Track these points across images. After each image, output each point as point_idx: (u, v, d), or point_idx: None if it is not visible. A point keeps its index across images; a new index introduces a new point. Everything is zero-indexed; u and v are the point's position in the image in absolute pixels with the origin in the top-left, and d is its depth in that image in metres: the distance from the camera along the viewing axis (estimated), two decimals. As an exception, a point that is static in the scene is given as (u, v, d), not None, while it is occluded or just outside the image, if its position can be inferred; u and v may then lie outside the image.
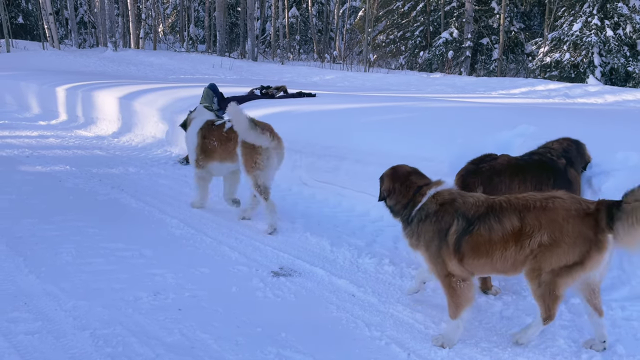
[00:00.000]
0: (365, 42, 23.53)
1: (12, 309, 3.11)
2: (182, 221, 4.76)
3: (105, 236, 4.35)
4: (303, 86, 12.39)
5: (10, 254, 3.84)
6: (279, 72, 19.04)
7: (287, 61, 25.23)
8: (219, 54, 24.77)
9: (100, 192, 5.55)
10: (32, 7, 29.09)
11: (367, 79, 17.02)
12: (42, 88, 10.86)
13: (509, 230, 2.73)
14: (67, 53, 21.67)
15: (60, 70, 15.47)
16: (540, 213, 2.72)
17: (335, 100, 7.46)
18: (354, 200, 5.17)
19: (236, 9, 32.33)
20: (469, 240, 2.80)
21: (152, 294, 3.38)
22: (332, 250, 4.14)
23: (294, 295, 3.44)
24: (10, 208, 4.89)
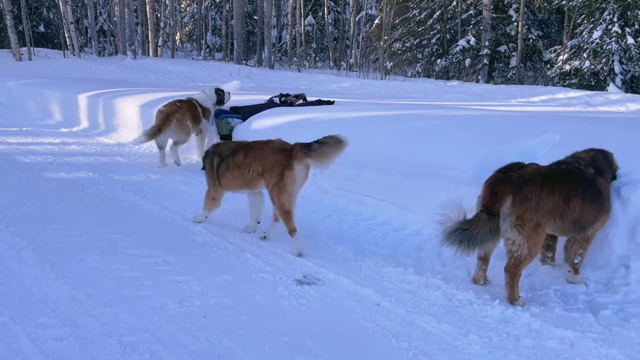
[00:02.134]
0: (382, 50, 23.54)
1: (40, 314, 3.13)
2: (205, 228, 4.78)
3: (129, 243, 4.38)
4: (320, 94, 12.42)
5: (38, 260, 3.88)
6: (296, 80, 19.11)
7: (304, 69, 25.32)
8: (236, 62, 24.96)
9: (123, 198, 5.60)
10: (53, 16, 29.61)
11: (383, 87, 17.00)
12: (64, 95, 11.02)
13: (238, 162, 4.54)
14: (87, 61, 22.01)
15: (81, 78, 15.71)
16: (257, 151, 4.50)
17: (354, 108, 7.46)
18: (375, 208, 5.15)
19: (253, 18, 32.58)
20: (221, 169, 4.64)
21: (177, 301, 3.39)
22: (355, 259, 4.12)
23: (318, 304, 3.42)
24: (36, 214, 4.95)
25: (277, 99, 8.18)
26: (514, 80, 20.95)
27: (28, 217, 4.84)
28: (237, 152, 4.60)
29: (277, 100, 8.14)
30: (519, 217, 3.33)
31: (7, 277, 3.58)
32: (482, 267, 3.71)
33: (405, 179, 5.04)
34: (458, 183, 4.54)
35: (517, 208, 3.32)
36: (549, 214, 3.37)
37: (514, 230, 3.35)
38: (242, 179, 4.56)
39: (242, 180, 4.57)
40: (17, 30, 22.38)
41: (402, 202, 4.84)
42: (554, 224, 3.42)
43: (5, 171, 6.46)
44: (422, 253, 4.20)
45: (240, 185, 4.64)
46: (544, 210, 3.35)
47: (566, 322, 3.18)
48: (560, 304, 3.45)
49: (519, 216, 3.33)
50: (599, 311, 3.30)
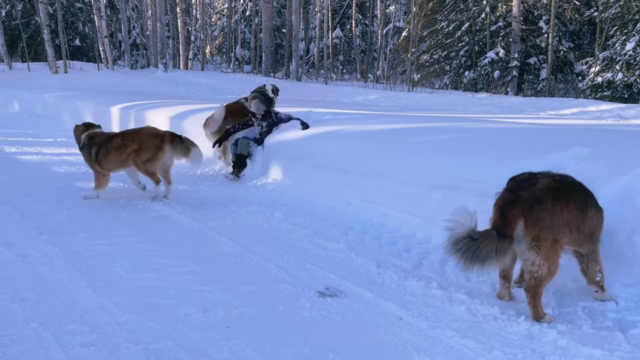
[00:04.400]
0: (409, 62, 23.52)
1: (69, 321, 3.22)
2: (231, 239, 4.83)
3: (156, 252, 4.47)
4: (346, 106, 12.47)
5: (68, 268, 4.00)
6: (323, 92, 19.25)
7: (331, 81, 25.48)
8: (264, 74, 25.29)
9: (152, 208, 5.73)
10: (88, 30, 30.57)
11: (410, 99, 16.98)
12: (97, 107, 11.35)
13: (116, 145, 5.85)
14: (120, 74, 22.62)
15: (113, 90, 16.15)
16: (133, 135, 5.96)
17: (380, 120, 7.47)
18: (399, 221, 5.13)
19: (281, 31, 33.02)
20: (100, 155, 5.81)
21: (201, 310, 3.44)
22: (378, 271, 4.11)
23: (340, 316, 3.42)
24: (69, 223, 5.10)
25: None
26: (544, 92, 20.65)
27: (60, 226, 4.99)
28: (112, 139, 5.92)
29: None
30: (534, 238, 3.24)
31: (39, 284, 3.70)
32: (505, 284, 3.66)
33: (430, 192, 5.01)
34: (484, 196, 4.48)
35: (531, 229, 3.23)
36: (566, 227, 3.27)
37: (532, 252, 3.27)
38: (120, 158, 5.86)
39: (120, 160, 5.87)
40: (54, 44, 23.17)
41: (427, 215, 4.81)
42: (570, 236, 3.32)
43: (41, 181, 6.67)
44: (447, 267, 4.16)
45: (118, 164, 5.94)
46: (559, 225, 3.25)
47: (594, 340, 3.10)
48: (589, 321, 3.37)
49: (534, 237, 3.24)
50: (629, 329, 3.21)
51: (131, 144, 5.84)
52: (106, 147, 5.83)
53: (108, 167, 5.93)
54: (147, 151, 5.88)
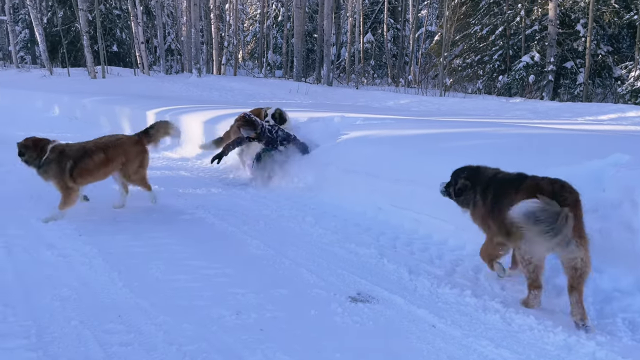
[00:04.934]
0: (441, 66, 23.30)
1: (107, 320, 3.31)
2: (263, 242, 4.88)
3: (190, 254, 4.55)
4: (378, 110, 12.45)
5: (107, 268, 4.11)
6: (354, 97, 19.25)
7: (362, 86, 25.47)
8: (295, 79, 25.46)
9: (186, 211, 5.83)
10: (125, 37, 31.37)
11: (442, 104, 16.82)
12: (134, 112, 11.62)
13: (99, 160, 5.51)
14: (155, 79, 23.12)
15: (149, 95, 16.53)
16: (117, 148, 5.68)
17: (412, 125, 7.44)
18: (431, 227, 5.08)
19: (313, 36, 33.20)
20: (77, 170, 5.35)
21: (234, 312, 3.49)
22: (410, 278, 4.08)
23: (372, 322, 3.42)
24: (106, 224, 5.24)
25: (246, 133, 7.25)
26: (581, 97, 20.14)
27: (99, 227, 5.13)
28: (93, 153, 5.50)
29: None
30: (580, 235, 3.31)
31: (79, 284, 3.82)
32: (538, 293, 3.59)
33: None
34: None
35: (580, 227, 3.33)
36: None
37: (580, 249, 3.28)
38: (104, 173, 5.65)
39: (104, 173, 5.66)
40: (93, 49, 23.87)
41: (460, 222, 4.74)
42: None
43: (79, 183, 6.87)
44: (481, 275, 4.10)
45: (99, 178, 5.70)
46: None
47: (634, 352, 3.01)
48: (629, 333, 3.27)
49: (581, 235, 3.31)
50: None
51: (118, 158, 5.67)
52: (85, 162, 5.42)
53: (84, 182, 5.55)
54: (135, 160, 5.83)
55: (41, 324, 3.22)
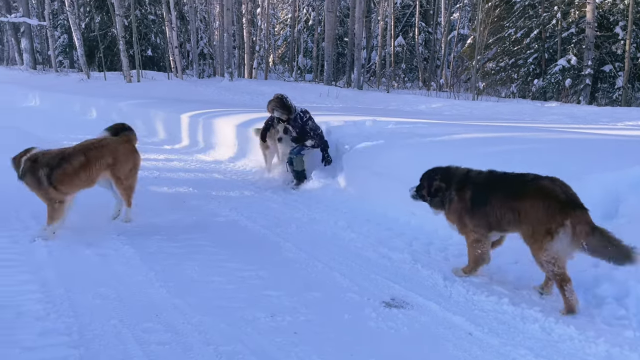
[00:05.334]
0: (474, 70, 22.99)
1: (145, 319, 3.38)
2: (295, 245, 4.90)
3: (224, 256, 4.60)
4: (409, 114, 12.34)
5: (144, 268, 4.19)
6: (385, 101, 19.16)
7: (393, 89, 25.34)
8: (325, 82, 25.51)
9: (220, 213, 5.90)
10: (160, 41, 32.01)
11: (475, 108, 16.58)
12: (168, 115, 11.84)
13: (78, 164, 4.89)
14: (188, 82, 23.49)
15: (182, 99, 16.79)
16: (101, 149, 5.08)
17: (445, 130, 7.34)
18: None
19: (343, 40, 33.22)
20: (55, 177, 4.74)
21: (269, 315, 3.50)
22: (445, 284, 4.03)
23: (407, 328, 3.39)
24: (143, 225, 5.34)
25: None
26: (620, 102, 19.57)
27: (136, 228, 5.23)
28: (71, 157, 4.90)
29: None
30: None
31: (117, 283, 3.90)
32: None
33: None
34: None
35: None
36: None
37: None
38: (88, 177, 5.01)
39: (88, 178, 5.02)
40: (128, 54, 24.42)
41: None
42: None
43: (116, 184, 7.02)
44: (520, 283, 4.01)
45: (86, 184, 5.06)
46: None
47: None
48: (676, 346, 3.15)
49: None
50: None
51: (102, 159, 5.07)
52: (63, 167, 4.82)
53: (68, 189, 4.90)
54: (126, 162, 5.26)
55: (82, 321, 3.31)
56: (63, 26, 33.37)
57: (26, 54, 32.30)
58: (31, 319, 3.31)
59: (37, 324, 3.25)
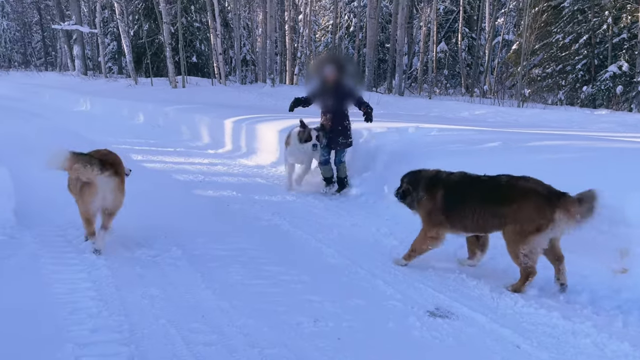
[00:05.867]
0: (519, 76, 22.47)
1: (192, 320, 3.44)
2: (337, 251, 4.90)
3: (267, 259, 4.64)
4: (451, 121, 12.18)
5: (191, 270, 4.28)
6: (427, 107, 18.95)
7: (434, 96, 25.05)
8: (366, 89, 25.45)
9: (263, 217, 5.97)
10: (204, 48, 32.72)
11: (521, 115, 16.19)
12: (212, 120, 12.08)
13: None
14: (231, 88, 23.94)
15: (226, 104, 17.10)
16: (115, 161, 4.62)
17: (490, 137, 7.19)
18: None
19: (385, 46, 33.10)
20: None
21: (312, 320, 3.51)
22: (492, 295, 3.94)
23: (452, 338, 3.33)
24: (189, 227, 5.44)
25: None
26: (675, 109, 18.71)
27: (182, 230, 5.34)
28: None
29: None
30: None
31: (166, 284, 4.00)
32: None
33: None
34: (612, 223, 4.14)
35: None
36: None
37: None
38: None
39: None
40: (174, 60, 25.10)
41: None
42: None
43: (164, 188, 7.19)
44: (571, 296, 3.88)
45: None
46: None
47: None
48: None
49: None
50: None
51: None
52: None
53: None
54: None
55: (132, 320, 3.40)
56: (113, 33, 34.62)
57: (78, 60, 33.63)
58: (85, 316, 3.43)
59: (90, 321, 3.37)
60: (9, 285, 3.88)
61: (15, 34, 47.55)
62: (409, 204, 4.68)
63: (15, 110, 17.25)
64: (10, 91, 25.22)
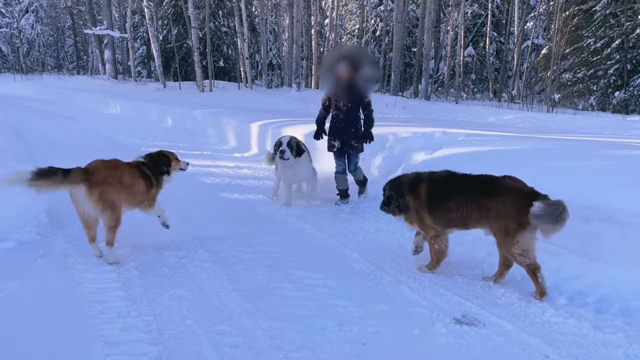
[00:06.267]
0: (549, 81, 22.07)
1: (219, 322, 3.48)
2: (362, 256, 4.89)
3: (293, 263, 4.66)
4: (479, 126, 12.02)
5: (217, 272, 4.33)
6: (453, 112, 18.76)
7: (461, 100, 24.80)
8: (392, 93, 25.35)
9: (288, 221, 6.00)
10: (231, 52, 33.13)
11: (550, 120, 15.88)
12: (238, 124, 12.20)
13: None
14: (257, 92, 24.13)
15: (252, 108, 17.25)
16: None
17: (519, 143, 7.08)
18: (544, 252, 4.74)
19: (411, 50, 32.96)
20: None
21: (337, 324, 3.51)
22: (519, 304, 3.88)
23: (479, 347, 3.28)
24: (216, 230, 5.51)
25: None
26: None
27: (209, 232, 5.41)
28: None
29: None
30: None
31: (193, 285, 4.05)
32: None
33: (580, 223, 4.61)
34: (644, 232, 4.04)
35: None
36: None
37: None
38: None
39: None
40: (202, 64, 25.45)
41: (578, 248, 4.43)
42: None
43: (192, 190, 7.28)
44: (602, 307, 3.79)
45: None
46: None
47: None
48: None
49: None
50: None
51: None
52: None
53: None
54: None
55: (160, 320, 3.46)
56: (142, 38, 35.33)
57: (108, 64, 34.44)
58: (114, 315, 3.50)
59: (119, 320, 3.44)
60: (43, 283, 3.99)
61: (49, 38, 48.95)
62: (392, 210, 4.72)
63: (47, 113, 17.74)
64: (43, 94, 25.97)
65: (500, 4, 31.04)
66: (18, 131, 12.44)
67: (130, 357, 3.04)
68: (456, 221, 4.32)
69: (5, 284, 3.92)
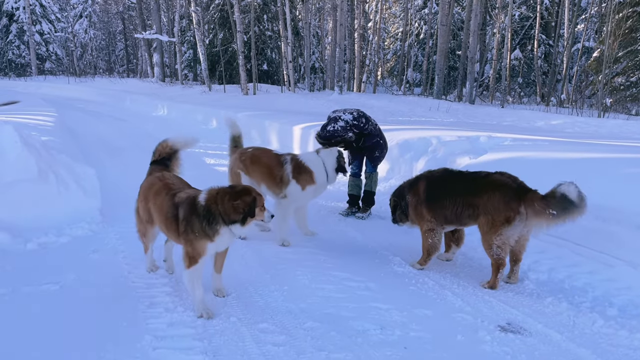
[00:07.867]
0: (601, 85, 21.29)
1: (261, 320, 3.54)
2: (404, 259, 4.86)
3: (334, 264, 4.68)
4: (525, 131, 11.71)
5: (261, 272, 4.40)
6: (499, 116, 18.35)
7: (507, 104, 24.23)
8: (435, 96, 25.04)
9: (329, 222, 6.03)
10: (275, 56, 33.55)
11: (601, 126, 15.31)
12: (281, 126, 12.33)
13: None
14: (300, 96, 24.31)
15: (294, 111, 17.39)
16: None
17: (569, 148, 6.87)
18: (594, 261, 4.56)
19: (455, 53, 32.48)
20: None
21: (378, 327, 3.51)
22: (568, 313, 3.76)
23: (525, 355, 3.21)
24: (256, 231, 5.59)
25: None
26: None
27: (252, 232, 5.47)
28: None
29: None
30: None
31: (236, 282, 4.13)
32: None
33: (631, 231, 4.43)
34: None
35: None
36: None
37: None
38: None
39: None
40: (246, 68, 25.86)
41: (630, 258, 4.26)
42: None
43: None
44: (655, 318, 3.64)
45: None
46: None
47: None
48: None
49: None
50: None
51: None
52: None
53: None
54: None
55: (205, 316, 3.54)
56: (189, 42, 36.23)
57: (157, 67, 35.47)
58: (162, 310, 3.61)
59: (166, 315, 3.54)
60: (95, 277, 4.15)
61: (101, 42, 50.92)
62: (399, 217, 4.89)
63: (99, 115, 18.43)
64: (95, 96, 26.99)
65: (549, 5, 30.20)
66: (72, 131, 12.97)
67: (176, 351, 3.13)
68: (452, 218, 4.48)
69: (61, 276, 4.11)
